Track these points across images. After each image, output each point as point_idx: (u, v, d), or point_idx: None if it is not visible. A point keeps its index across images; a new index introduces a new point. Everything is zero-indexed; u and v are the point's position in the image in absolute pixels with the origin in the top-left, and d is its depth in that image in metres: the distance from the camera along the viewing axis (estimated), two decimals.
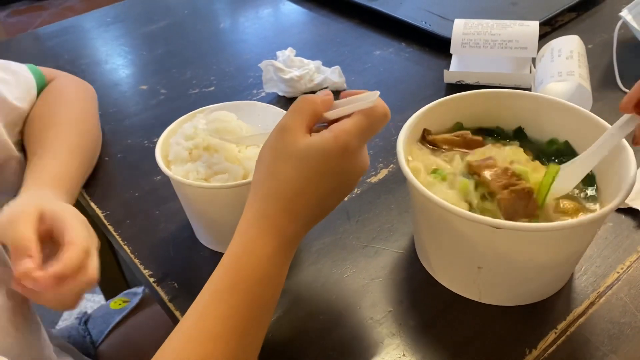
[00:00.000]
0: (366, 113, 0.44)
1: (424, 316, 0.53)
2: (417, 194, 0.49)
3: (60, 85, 0.76)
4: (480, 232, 0.46)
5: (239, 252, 0.43)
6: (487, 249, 0.48)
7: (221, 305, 0.41)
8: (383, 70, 0.90)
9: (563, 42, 0.78)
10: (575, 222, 0.44)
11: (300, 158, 0.42)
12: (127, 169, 0.74)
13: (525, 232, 0.45)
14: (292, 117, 0.44)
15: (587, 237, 0.50)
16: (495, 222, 0.44)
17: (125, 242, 0.63)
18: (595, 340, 0.49)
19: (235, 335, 0.41)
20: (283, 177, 0.43)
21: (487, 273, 0.50)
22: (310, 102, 0.44)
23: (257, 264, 0.42)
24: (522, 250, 0.47)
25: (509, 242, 0.46)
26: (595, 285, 0.54)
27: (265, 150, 0.44)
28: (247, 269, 0.42)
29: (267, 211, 0.43)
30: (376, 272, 0.57)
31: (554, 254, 0.48)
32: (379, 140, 0.75)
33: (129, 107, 0.86)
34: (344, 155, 0.42)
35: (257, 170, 0.45)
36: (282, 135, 0.43)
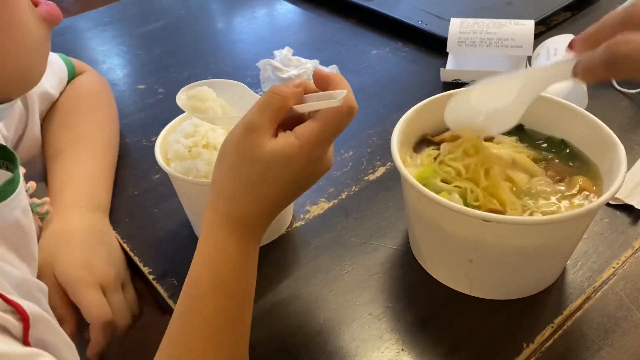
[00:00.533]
0: (332, 116, 0.42)
1: (422, 311, 0.53)
2: (408, 187, 0.50)
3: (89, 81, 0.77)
4: (470, 225, 0.47)
5: (212, 253, 0.43)
6: (477, 242, 0.48)
7: (204, 307, 0.42)
8: (380, 70, 0.91)
9: (559, 41, 0.79)
10: (562, 216, 0.45)
11: (265, 163, 0.42)
12: (125, 168, 0.74)
13: (514, 225, 0.46)
14: (260, 114, 0.42)
15: (576, 231, 0.50)
16: (484, 215, 0.45)
17: (125, 240, 0.63)
18: (591, 334, 0.49)
19: (224, 332, 0.42)
20: (245, 181, 0.43)
21: (478, 266, 0.51)
22: (280, 97, 0.43)
23: (231, 262, 0.43)
24: (512, 243, 0.48)
25: (498, 234, 0.47)
26: (591, 280, 0.54)
27: (229, 148, 0.43)
28: (223, 269, 0.43)
29: (233, 213, 0.43)
30: (375, 268, 0.58)
31: (543, 247, 0.49)
32: (376, 139, 0.75)
33: (127, 106, 0.86)
34: (309, 163, 0.43)
35: (220, 168, 0.44)
36: (248, 135, 0.42)
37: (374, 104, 0.82)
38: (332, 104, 0.42)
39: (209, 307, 0.42)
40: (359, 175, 0.70)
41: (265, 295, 0.56)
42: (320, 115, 0.43)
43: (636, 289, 0.53)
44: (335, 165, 0.71)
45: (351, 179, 0.69)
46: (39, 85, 0.69)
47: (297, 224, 0.64)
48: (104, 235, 0.61)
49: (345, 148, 0.74)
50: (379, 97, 0.84)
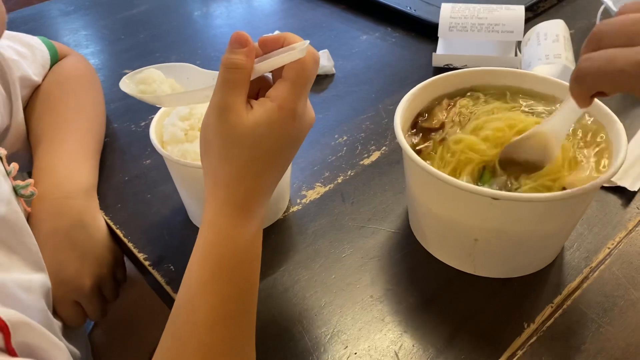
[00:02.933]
0: (299, 68, 0.41)
1: (423, 293, 0.53)
2: (414, 167, 0.49)
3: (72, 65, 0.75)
4: (478, 204, 0.47)
5: (214, 240, 0.42)
6: (484, 220, 0.49)
7: (209, 295, 0.41)
8: (371, 55, 0.90)
9: (548, 26, 0.79)
10: (572, 191, 0.45)
11: (250, 139, 0.40)
12: (114, 153, 0.73)
13: (523, 202, 0.46)
14: (228, 94, 0.40)
15: (582, 207, 0.51)
16: (493, 193, 0.45)
17: (118, 227, 0.62)
18: (591, 313, 0.50)
19: (230, 319, 0.41)
20: (238, 162, 0.41)
21: (483, 245, 0.51)
22: (236, 69, 0.40)
23: (235, 248, 0.42)
24: (519, 220, 0.48)
25: (506, 212, 0.47)
26: (587, 260, 0.55)
27: (210, 135, 0.41)
28: (226, 255, 0.41)
29: (232, 198, 0.42)
30: (374, 251, 0.57)
31: (550, 224, 0.49)
32: (369, 124, 0.75)
33: (113, 91, 0.84)
34: (292, 122, 0.41)
35: (208, 156, 0.43)
36: (225, 117, 0.40)
37: (366, 89, 0.82)
38: (296, 55, 0.40)
39: (214, 295, 0.41)
40: (354, 159, 0.69)
41: (265, 279, 0.55)
42: (287, 72, 0.41)
43: (632, 268, 0.54)
44: (330, 150, 0.71)
45: (346, 163, 0.69)
46: (19, 68, 0.67)
47: (293, 209, 0.63)
48: (72, 234, 0.58)
49: (339, 133, 0.74)
50: (371, 82, 0.84)
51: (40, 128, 0.66)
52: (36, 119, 0.67)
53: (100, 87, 0.77)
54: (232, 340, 0.41)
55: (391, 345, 0.49)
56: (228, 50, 0.40)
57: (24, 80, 0.68)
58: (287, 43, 0.42)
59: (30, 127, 0.67)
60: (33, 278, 0.49)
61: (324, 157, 0.70)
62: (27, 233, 0.51)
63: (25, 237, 0.50)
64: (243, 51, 0.40)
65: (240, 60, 0.40)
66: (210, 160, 0.42)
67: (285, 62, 0.41)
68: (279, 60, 0.41)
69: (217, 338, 0.40)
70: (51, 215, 0.57)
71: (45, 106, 0.68)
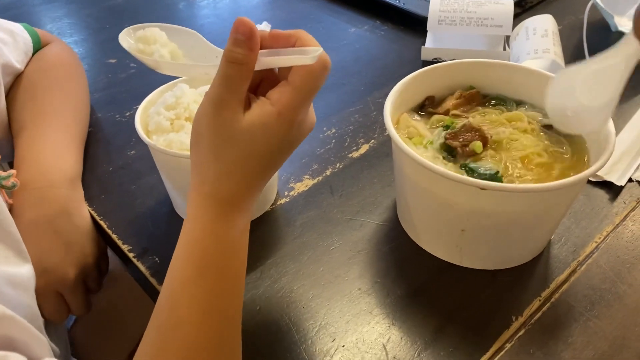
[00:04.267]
0: (307, 76, 0.39)
1: (411, 285, 0.53)
2: (403, 156, 0.49)
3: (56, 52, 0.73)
4: (466, 193, 0.47)
5: (199, 236, 0.40)
6: (471, 211, 0.48)
7: (194, 290, 0.40)
8: (359, 48, 0.89)
9: (537, 21, 0.79)
10: (559, 183, 0.45)
11: (245, 140, 0.39)
12: (98, 143, 0.71)
13: (510, 193, 0.46)
14: (224, 88, 0.38)
15: (569, 199, 0.51)
16: (481, 183, 0.45)
17: (101, 218, 0.61)
18: (578, 306, 0.50)
19: (215, 314, 0.40)
20: (228, 159, 0.40)
21: (470, 235, 0.51)
22: (239, 65, 0.38)
23: (221, 244, 0.41)
24: (506, 211, 0.48)
25: (493, 203, 0.47)
26: (575, 254, 0.55)
27: (203, 127, 0.40)
28: (212, 251, 0.40)
29: (218, 194, 0.41)
30: (362, 244, 0.57)
31: (537, 215, 0.49)
32: (358, 116, 0.75)
33: (98, 81, 0.83)
34: (290, 129, 0.40)
35: (198, 149, 0.41)
36: (219, 112, 0.39)
37: (355, 82, 0.81)
38: (306, 60, 0.38)
39: (199, 291, 0.40)
40: (343, 152, 0.69)
41: (252, 272, 0.54)
42: (293, 77, 0.39)
43: (619, 262, 0.54)
44: (319, 143, 0.70)
45: (335, 156, 0.68)
46: (0, 55, 0.65)
47: (281, 201, 0.62)
48: (55, 223, 0.56)
49: (327, 126, 0.73)
50: (359, 75, 0.83)
51: (23, 116, 0.64)
52: (19, 107, 0.66)
53: (84, 75, 0.75)
54: (217, 336, 0.40)
55: (379, 337, 0.48)
56: (231, 40, 0.38)
57: (6, 67, 0.66)
58: (299, 43, 0.40)
59: (12, 115, 0.66)
60: (19, 271, 0.48)
61: (312, 150, 0.69)
62: (10, 223, 0.49)
63: (10, 227, 0.49)
64: (247, 45, 0.37)
65: (243, 56, 0.38)
66: (200, 153, 0.41)
67: (293, 64, 0.39)
68: (286, 60, 0.39)
69: (202, 333, 0.39)
70: (35, 204, 0.56)
71: (28, 94, 0.67)
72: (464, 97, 0.59)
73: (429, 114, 0.59)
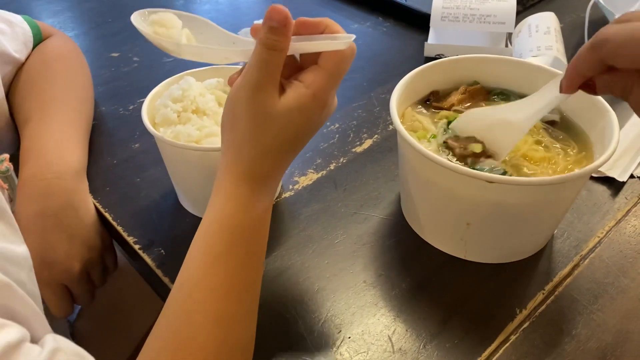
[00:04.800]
0: (339, 60, 0.41)
1: (416, 278, 0.53)
2: (409, 149, 0.49)
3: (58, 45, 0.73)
4: (473, 187, 0.47)
5: (233, 210, 0.42)
6: (478, 204, 0.49)
7: (226, 263, 0.41)
8: (362, 44, 0.90)
9: (540, 19, 0.80)
10: (565, 176, 0.46)
11: (281, 122, 0.41)
12: (102, 137, 0.71)
13: (517, 186, 0.46)
14: (264, 74, 0.40)
15: (574, 192, 0.51)
16: (488, 177, 0.45)
17: (106, 210, 0.61)
18: (582, 299, 0.51)
19: (245, 287, 0.42)
20: (265, 141, 0.42)
21: (475, 229, 0.51)
22: (278, 53, 0.39)
23: (253, 218, 0.42)
24: (512, 204, 0.48)
25: (500, 196, 0.47)
26: (577, 248, 0.56)
27: (240, 110, 0.41)
28: (244, 225, 0.42)
29: (256, 173, 0.42)
30: (367, 237, 0.57)
31: (542, 209, 0.50)
32: (361, 112, 0.75)
33: (101, 74, 0.83)
34: (321, 110, 0.43)
35: (233, 130, 0.42)
36: (257, 96, 0.40)
37: (358, 78, 0.82)
38: (339, 46, 0.41)
39: (232, 262, 0.41)
40: (347, 147, 0.69)
41: None
42: (326, 62, 0.41)
43: (622, 256, 0.54)
44: (322, 137, 0.70)
45: (339, 150, 0.68)
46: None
47: (285, 195, 0.63)
48: (61, 215, 0.56)
49: (331, 121, 0.73)
50: (362, 70, 0.83)
51: (27, 108, 0.64)
52: (22, 99, 0.66)
53: (87, 67, 0.75)
54: (245, 308, 0.42)
55: (385, 329, 0.49)
56: (266, 27, 0.39)
57: (3, 55, 0.66)
58: (328, 30, 0.42)
59: (15, 107, 0.66)
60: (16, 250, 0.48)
61: (316, 144, 0.69)
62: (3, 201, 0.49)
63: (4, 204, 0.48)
64: (282, 32, 0.39)
65: (279, 43, 0.39)
66: (235, 135, 0.42)
67: (327, 49, 0.41)
68: (320, 45, 0.41)
69: (232, 305, 0.40)
70: (40, 195, 0.56)
71: (31, 86, 0.67)
72: (468, 93, 0.59)
73: (433, 109, 0.59)
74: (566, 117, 0.57)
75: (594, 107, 0.54)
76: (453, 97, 0.59)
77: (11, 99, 0.67)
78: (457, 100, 0.58)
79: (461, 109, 0.58)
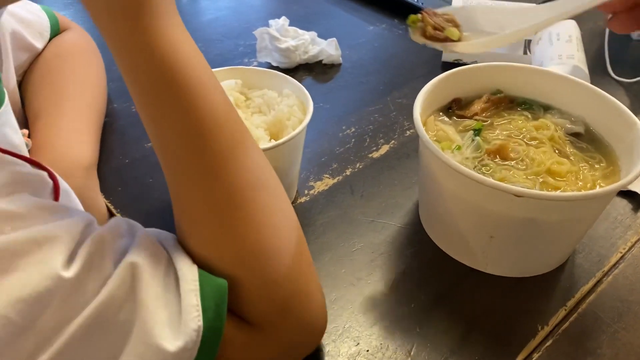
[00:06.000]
0: None
1: (435, 291, 0.52)
2: (434, 160, 0.48)
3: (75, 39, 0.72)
4: (499, 200, 0.46)
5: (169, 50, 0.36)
6: (503, 218, 0.48)
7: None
8: (378, 46, 0.88)
9: (561, 27, 0.78)
10: (595, 192, 0.45)
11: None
12: (114, 134, 0.70)
13: (545, 201, 0.45)
14: None
15: (600, 207, 0.51)
16: (516, 190, 0.44)
17: (119, 210, 0.60)
18: (605, 317, 0.50)
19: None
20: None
21: (498, 242, 0.50)
22: None
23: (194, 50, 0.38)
24: (538, 219, 0.47)
25: (527, 210, 0.46)
26: (599, 264, 0.55)
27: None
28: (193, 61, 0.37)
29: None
30: (384, 246, 0.56)
31: (568, 223, 0.49)
32: (378, 116, 0.74)
33: (113, 70, 0.81)
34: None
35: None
36: None
37: (373, 81, 0.81)
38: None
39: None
40: (363, 152, 0.68)
41: None
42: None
43: None
44: (338, 141, 0.69)
45: (355, 155, 0.67)
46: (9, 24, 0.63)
47: (301, 200, 0.61)
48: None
49: (347, 124, 0.72)
50: (378, 73, 0.82)
51: (40, 102, 0.63)
52: (35, 92, 0.64)
53: (102, 64, 0.74)
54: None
55: (404, 343, 0.48)
56: None
57: (20, 42, 0.65)
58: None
59: (27, 100, 0.64)
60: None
61: (331, 148, 0.68)
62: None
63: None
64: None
65: None
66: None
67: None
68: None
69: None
70: None
71: (45, 79, 0.65)
72: (491, 101, 0.58)
73: (456, 117, 0.58)
74: (591, 130, 0.56)
75: (619, 119, 0.53)
76: (476, 105, 0.58)
77: (25, 91, 0.66)
78: (480, 109, 0.57)
79: (484, 118, 0.57)
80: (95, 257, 0.33)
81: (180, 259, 0.37)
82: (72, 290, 0.31)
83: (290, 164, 0.57)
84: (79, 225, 0.34)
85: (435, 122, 0.56)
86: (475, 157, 0.52)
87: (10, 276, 0.30)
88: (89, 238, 0.34)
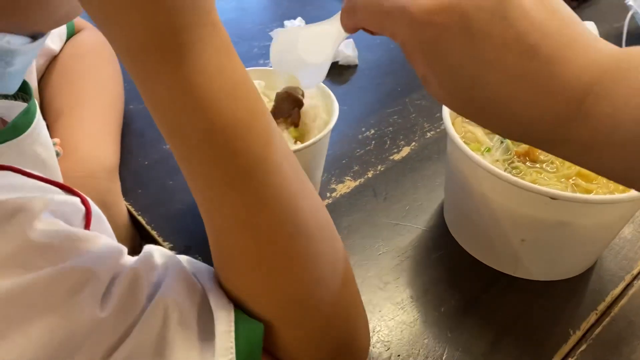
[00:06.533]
0: None
1: (464, 295, 0.51)
2: (466, 162, 0.48)
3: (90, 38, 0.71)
4: (533, 203, 0.45)
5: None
6: (535, 221, 0.47)
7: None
8: (394, 47, 0.88)
9: None
10: (630, 195, 0.44)
11: None
12: (131, 136, 0.69)
13: (580, 204, 0.44)
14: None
15: (634, 210, 0.50)
16: (552, 193, 0.43)
17: (139, 213, 0.59)
18: (638, 321, 0.49)
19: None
20: None
21: (530, 246, 0.49)
22: None
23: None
24: (572, 222, 0.46)
25: (560, 213, 0.46)
26: (628, 267, 0.54)
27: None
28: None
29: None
30: (410, 250, 0.55)
31: (601, 227, 0.48)
32: (397, 118, 0.73)
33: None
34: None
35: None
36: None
37: (391, 82, 0.80)
38: None
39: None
40: (384, 154, 0.67)
41: None
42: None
43: None
44: (358, 144, 0.69)
45: (376, 157, 0.67)
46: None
47: (323, 202, 0.61)
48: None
49: (366, 126, 0.71)
50: (395, 75, 0.82)
51: (59, 102, 0.62)
52: (54, 93, 0.64)
53: (117, 63, 0.73)
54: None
55: (436, 348, 0.47)
56: None
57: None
58: None
59: (46, 101, 0.64)
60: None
61: (352, 150, 0.68)
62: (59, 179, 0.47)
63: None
64: None
65: None
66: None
67: None
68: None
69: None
70: None
71: (64, 80, 0.65)
72: None
73: None
74: None
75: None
76: None
77: (44, 92, 0.65)
78: None
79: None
80: (129, 295, 0.32)
81: (215, 297, 0.35)
82: (105, 330, 0.30)
83: (315, 166, 0.56)
84: (113, 259, 0.33)
85: (463, 124, 0.55)
86: (505, 160, 0.52)
87: (46, 317, 0.28)
88: (122, 274, 0.32)
